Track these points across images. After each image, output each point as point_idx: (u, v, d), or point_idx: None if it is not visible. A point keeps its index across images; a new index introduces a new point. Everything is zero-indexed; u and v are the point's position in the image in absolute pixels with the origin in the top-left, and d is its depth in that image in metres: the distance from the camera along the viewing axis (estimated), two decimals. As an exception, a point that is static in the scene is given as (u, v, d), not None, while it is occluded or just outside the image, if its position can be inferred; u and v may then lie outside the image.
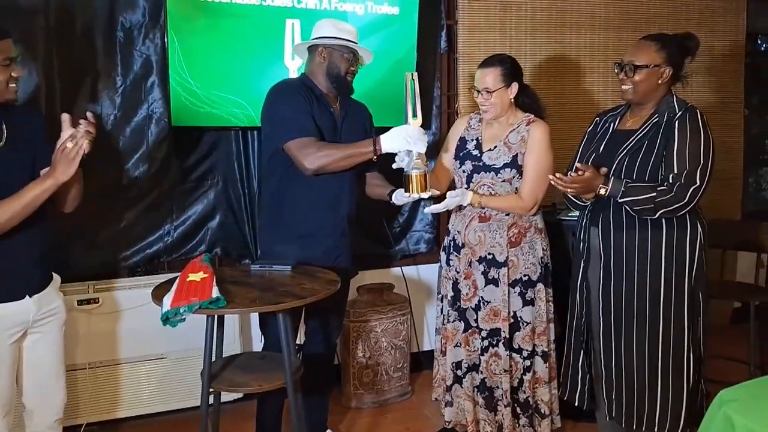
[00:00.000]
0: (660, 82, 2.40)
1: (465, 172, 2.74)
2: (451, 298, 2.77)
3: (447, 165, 2.85)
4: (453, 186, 2.83)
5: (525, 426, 2.74)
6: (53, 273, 2.21)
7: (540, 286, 2.71)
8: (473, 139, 2.77)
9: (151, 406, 3.12)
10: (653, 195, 2.30)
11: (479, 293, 2.70)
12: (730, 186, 4.20)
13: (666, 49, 2.39)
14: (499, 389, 2.70)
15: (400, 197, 2.58)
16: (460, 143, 2.80)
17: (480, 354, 2.71)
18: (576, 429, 3.03)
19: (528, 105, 2.76)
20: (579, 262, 2.61)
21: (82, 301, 2.95)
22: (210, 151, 3.27)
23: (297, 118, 2.50)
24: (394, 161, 2.47)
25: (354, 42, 2.58)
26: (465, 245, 2.73)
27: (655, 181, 2.35)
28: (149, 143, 3.11)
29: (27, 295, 2.06)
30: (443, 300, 2.83)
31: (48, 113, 2.85)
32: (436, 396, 2.92)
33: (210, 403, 2.32)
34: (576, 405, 2.67)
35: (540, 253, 2.72)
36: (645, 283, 2.41)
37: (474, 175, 2.71)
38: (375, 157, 2.50)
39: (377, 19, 3.31)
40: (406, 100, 2.43)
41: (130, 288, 3.06)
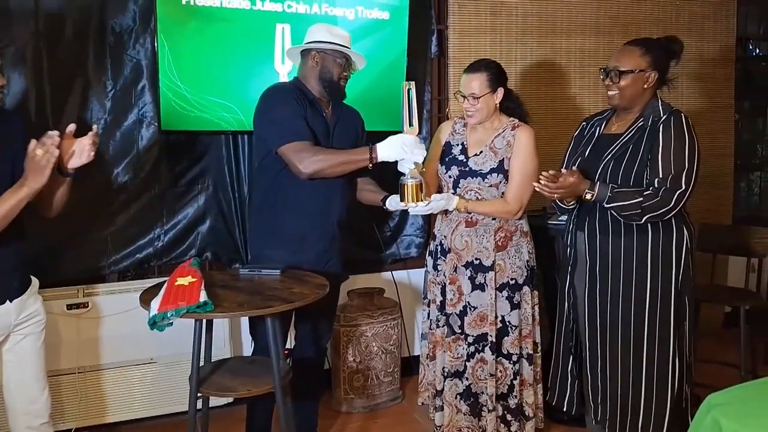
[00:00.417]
0: (645, 86, 2.41)
1: (451, 177, 2.73)
2: (440, 302, 2.76)
3: (432, 170, 2.85)
4: (440, 190, 2.81)
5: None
6: (32, 276, 2.21)
7: (526, 289, 2.71)
8: (458, 144, 2.76)
9: (141, 410, 3.11)
10: (640, 200, 2.30)
11: (465, 298, 2.68)
12: (721, 190, 4.21)
13: (650, 54, 2.39)
14: (484, 395, 2.68)
15: (394, 204, 2.58)
16: (445, 148, 2.79)
17: (466, 360, 2.69)
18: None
19: (512, 109, 2.75)
20: (566, 267, 2.61)
21: (71, 306, 2.95)
22: (200, 156, 3.26)
23: (292, 121, 2.49)
24: (387, 168, 2.46)
25: (347, 47, 2.59)
26: (451, 250, 2.72)
27: (640, 185, 2.35)
28: (139, 147, 3.11)
29: (8, 300, 2.06)
30: (430, 305, 2.82)
31: (38, 118, 2.86)
32: (422, 401, 2.91)
33: (199, 408, 2.32)
34: (564, 410, 2.67)
35: (526, 256, 2.72)
36: (630, 288, 2.41)
37: (461, 180, 2.71)
38: (371, 165, 2.50)
39: (367, 24, 3.32)
40: (402, 109, 2.43)
41: (119, 292, 3.05)
